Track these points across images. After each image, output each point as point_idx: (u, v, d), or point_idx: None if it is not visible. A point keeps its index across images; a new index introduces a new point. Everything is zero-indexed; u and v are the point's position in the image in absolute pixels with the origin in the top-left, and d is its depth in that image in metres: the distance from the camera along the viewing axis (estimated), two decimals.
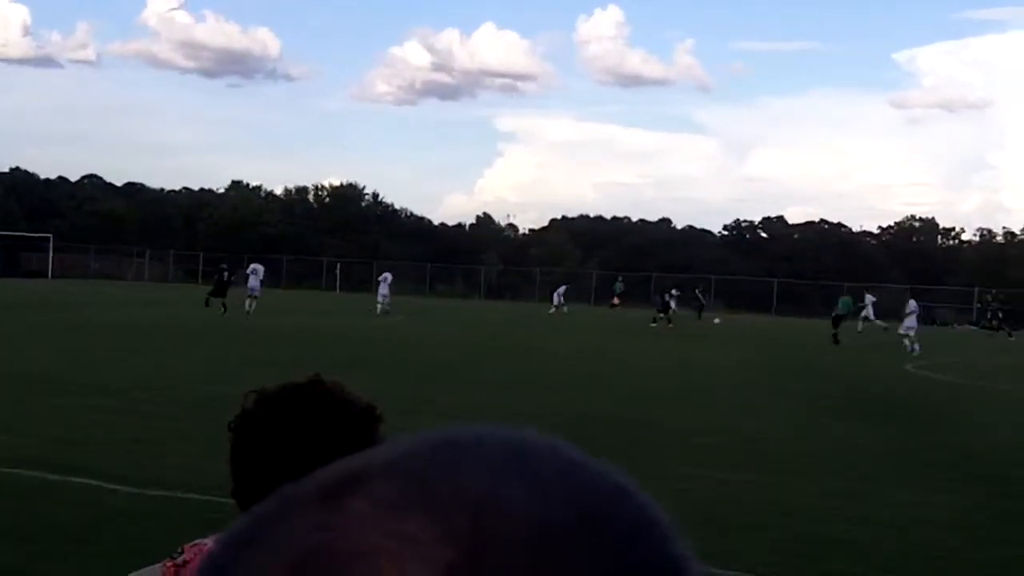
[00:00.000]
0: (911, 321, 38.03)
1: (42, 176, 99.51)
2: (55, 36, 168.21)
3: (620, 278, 65.22)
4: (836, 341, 38.69)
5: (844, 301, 42.33)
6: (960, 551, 9.30)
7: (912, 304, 38.68)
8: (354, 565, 0.49)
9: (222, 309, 38.38)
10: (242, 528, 0.55)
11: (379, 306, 46.49)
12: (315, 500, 0.53)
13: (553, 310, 56.24)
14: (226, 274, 40.79)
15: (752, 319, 52.66)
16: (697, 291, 54.46)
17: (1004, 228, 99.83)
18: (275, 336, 29.54)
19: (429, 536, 0.49)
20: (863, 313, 46.71)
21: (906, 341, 36.48)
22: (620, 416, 16.52)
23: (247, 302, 40.11)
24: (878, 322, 44.34)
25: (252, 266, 43.20)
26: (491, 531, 0.49)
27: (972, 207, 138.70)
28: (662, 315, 47.48)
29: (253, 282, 41.91)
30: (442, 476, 0.52)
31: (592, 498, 0.53)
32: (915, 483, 12.29)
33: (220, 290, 39.99)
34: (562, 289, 59.64)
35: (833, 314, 41.60)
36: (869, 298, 45.53)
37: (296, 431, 2.15)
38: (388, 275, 48.45)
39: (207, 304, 38.84)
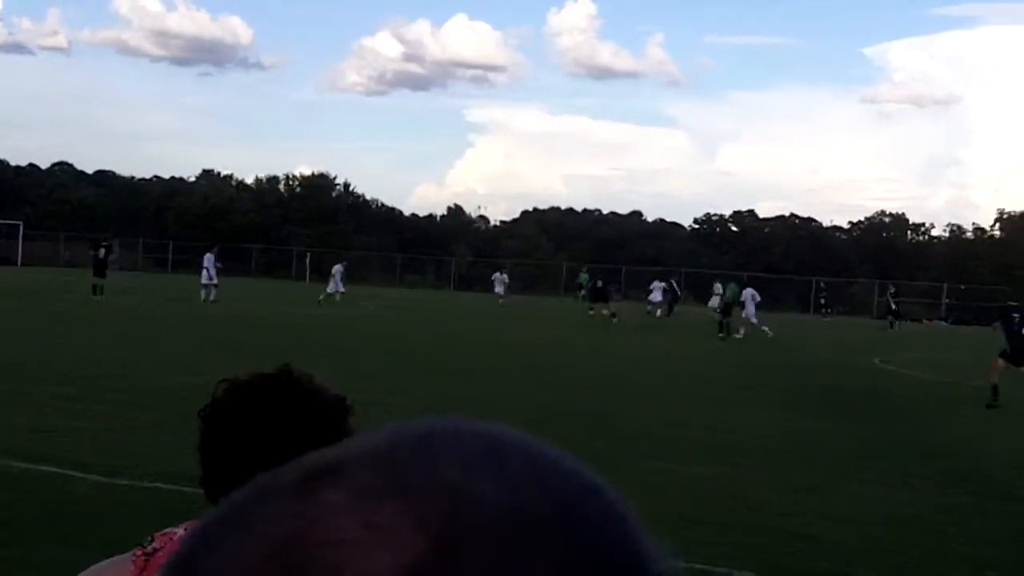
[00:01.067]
0: (751, 308, 40.02)
1: (12, 163, 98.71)
2: (26, 23, 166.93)
3: (585, 269, 64.41)
4: (722, 329, 38.61)
5: (731, 288, 42.05)
6: (924, 546, 9.39)
7: (748, 292, 40.28)
8: (327, 553, 0.49)
9: (99, 291, 36.87)
10: (216, 516, 0.55)
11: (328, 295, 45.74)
12: (291, 489, 0.53)
13: (501, 301, 54.40)
14: (102, 251, 39.35)
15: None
16: (673, 282, 53.74)
17: (974, 224, 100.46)
18: (245, 325, 29.48)
19: (401, 525, 0.49)
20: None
21: (764, 328, 38.18)
22: (586, 408, 16.58)
23: (202, 292, 39.77)
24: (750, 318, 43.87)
25: (206, 255, 42.18)
26: (463, 521, 0.50)
27: (942, 203, 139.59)
28: (600, 305, 46.12)
29: (204, 273, 41.14)
30: (416, 467, 0.52)
31: (563, 492, 0.53)
32: (880, 478, 12.38)
33: (99, 269, 38.56)
34: (499, 276, 58.46)
35: (723, 302, 41.20)
36: (749, 291, 45.44)
37: (266, 421, 2.15)
38: (340, 267, 48.35)
39: (95, 292, 37.03)
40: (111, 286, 38.97)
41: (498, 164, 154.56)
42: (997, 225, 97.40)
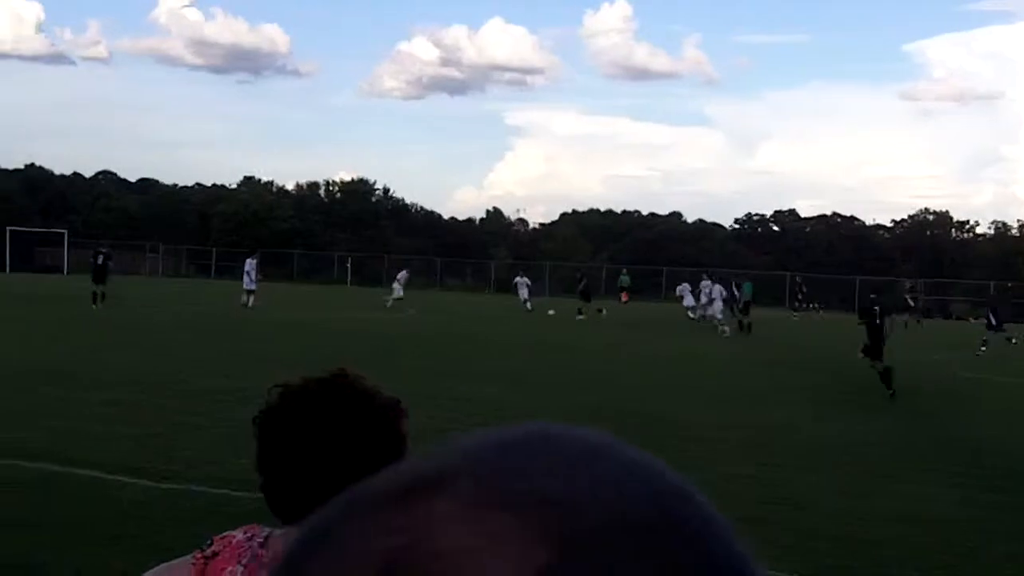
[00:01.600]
0: (718, 305, 39.98)
1: (57, 172, 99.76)
2: (67, 33, 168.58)
3: (624, 271, 63.83)
4: (741, 328, 38.64)
5: (748, 286, 41.87)
6: (970, 547, 9.31)
7: (717, 289, 40.31)
8: (443, 565, 0.49)
9: (99, 299, 36.21)
10: (317, 527, 0.55)
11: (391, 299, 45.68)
12: (395, 500, 0.53)
13: (528, 306, 49.45)
14: (101, 258, 38.70)
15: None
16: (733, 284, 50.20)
17: (1019, 220, 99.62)
18: (287, 330, 29.58)
19: (518, 536, 0.49)
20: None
21: (723, 327, 38.15)
22: (629, 410, 16.53)
23: (243, 296, 39.83)
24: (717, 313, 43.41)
25: (247, 261, 41.97)
26: (578, 531, 0.50)
27: (986, 200, 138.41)
28: (587, 305, 45.64)
29: (246, 278, 41.07)
30: (521, 476, 0.52)
31: (663, 496, 0.54)
32: (924, 478, 12.28)
33: (99, 276, 37.73)
34: (522, 280, 52.96)
35: (742, 301, 41.10)
36: (718, 288, 45.16)
37: (323, 425, 2.16)
38: (405, 273, 48.20)
39: (95, 301, 36.10)
40: (161, 292, 39.17)
41: (537, 167, 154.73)
42: None
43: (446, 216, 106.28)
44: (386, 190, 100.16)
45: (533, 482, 0.52)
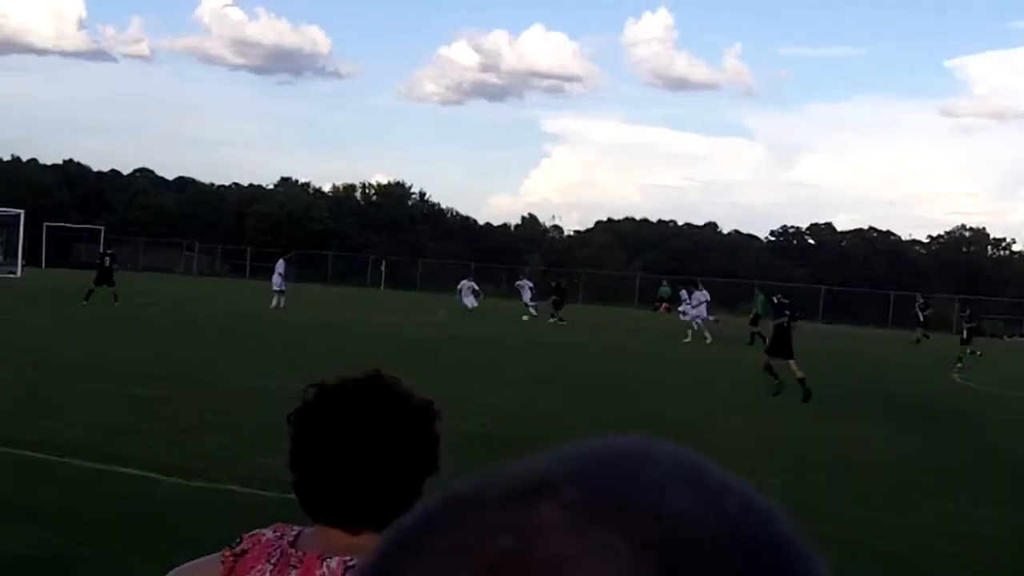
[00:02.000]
0: (700, 310, 40.11)
1: (95, 168, 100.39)
2: (109, 30, 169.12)
3: (664, 282, 63.51)
4: (753, 340, 37.50)
5: (760, 299, 41.54)
6: (1006, 567, 9.23)
7: (701, 295, 40.20)
8: (549, 570, 0.49)
9: (90, 298, 35.21)
10: (417, 525, 0.55)
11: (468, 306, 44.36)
12: (503, 503, 0.53)
13: (530, 313, 47.67)
14: (107, 260, 38.27)
15: (799, 325, 52.34)
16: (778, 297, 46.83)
17: None
18: (319, 332, 29.64)
19: (622, 545, 0.49)
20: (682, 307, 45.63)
21: (695, 326, 38.59)
22: (662, 419, 16.47)
23: (274, 298, 39.62)
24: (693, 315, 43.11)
25: (279, 261, 41.70)
26: (682, 546, 0.50)
27: (1023, 218, 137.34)
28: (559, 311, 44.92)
29: (276, 278, 40.83)
30: (626, 488, 0.53)
31: (758, 517, 0.55)
32: (961, 495, 12.18)
33: (103, 278, 37.04)
34: (524, 282, 51.67)
35: (752, 313, 40.83)
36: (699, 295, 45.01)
37: (358, 425, 2.16)
38: (466, 283, 47.39)
39: (87, 298, 35.19)
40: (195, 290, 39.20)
41: (573, 174, 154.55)
42: None
43: (481, 222, 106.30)
44: (422, 194, 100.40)
45: (639, 495, 0.52)
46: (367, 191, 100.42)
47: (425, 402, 2.25)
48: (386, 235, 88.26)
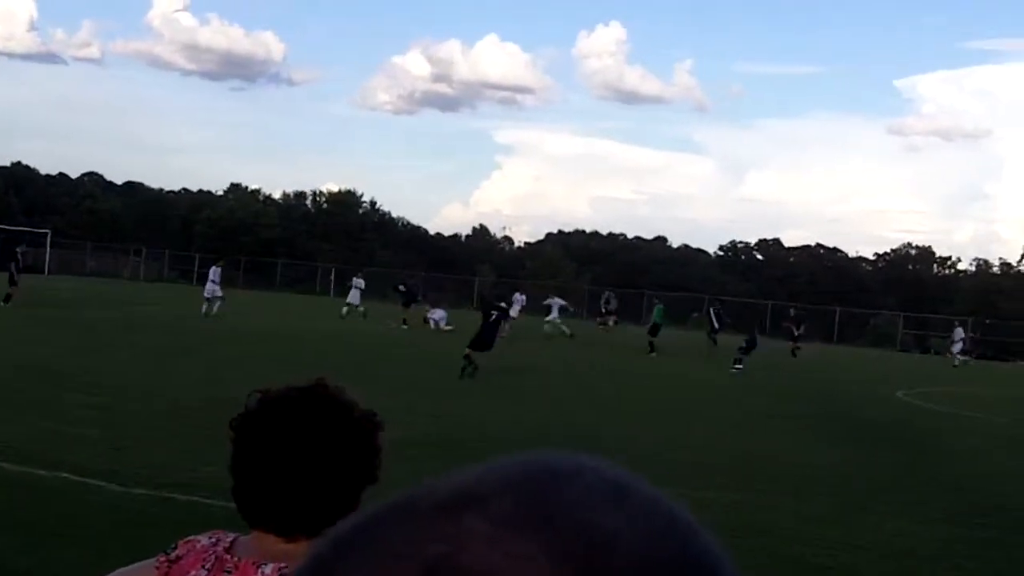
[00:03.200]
0: (555, 313, 42.97)
1: (42, 172, 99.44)
2: (60, 33, 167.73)
3: (610, 294, 63.44)
4: (652, 350, 37.92)
5: (658, 309, 41.97)
6: None
7: (554, 301, 42.75)
8: None
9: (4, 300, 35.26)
10: (351, 531, 0.56)
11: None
12: (434, 513, 0.54)
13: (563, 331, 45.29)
14: (19, 256, 38.05)
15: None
16: (713, 311, 43.82)
17: (1000, 259, 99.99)
18: (265, 339, 29.50)
19: (544, 558, 0.50)
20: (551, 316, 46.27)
21: (558, 329, 39.60)
22: (600, 432, 16.52)
23: (205, 304, 39.00)
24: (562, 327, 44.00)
25: (212, 268, 41.11)
26: (603, 560, 0.51)
27: (968, 237, 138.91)
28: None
29: (209, 285, 40.17)
30: (553, 501, 0.54)
31: (685, 536, 0.56)
32: (901, 511, 12.28)
33: (11, 278, 36.68)
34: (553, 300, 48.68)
35: (651, 323, 41.27)
36: (556, 301, 45.86)
37: (299, 433, 2.16)
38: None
39: (7, 300, 35.08)
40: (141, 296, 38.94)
41: (524, 185, 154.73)
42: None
43: (432, 231, 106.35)
44: (373, 203, 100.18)
45: (564, 509, 0.53)
46: (318, 199, 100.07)
47: (368, 413, 2.26)
48: (336, 243, 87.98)
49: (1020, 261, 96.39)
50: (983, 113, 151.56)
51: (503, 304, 27.00)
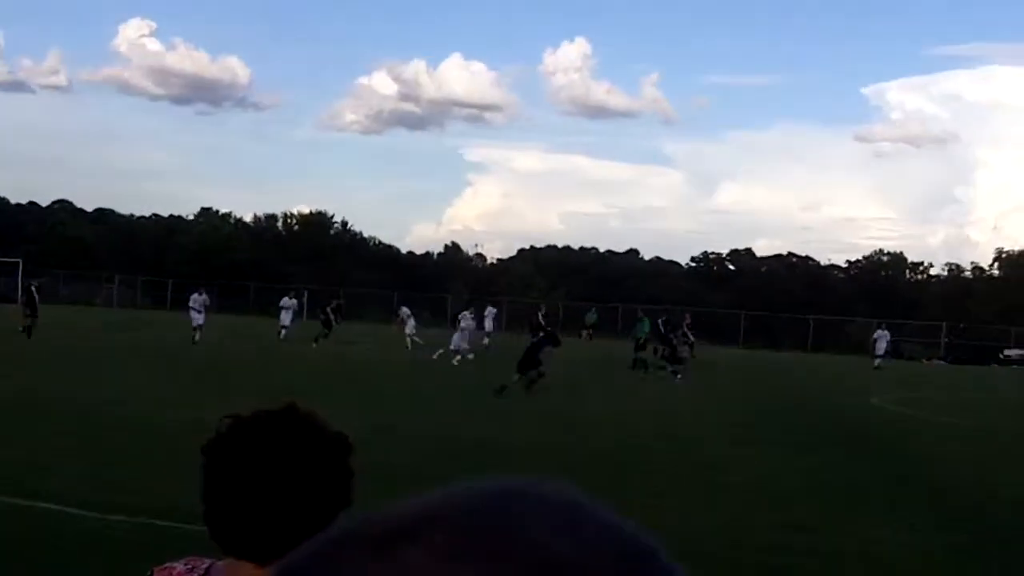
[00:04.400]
0: (464, 326, 39.44)
1: (12, 200, 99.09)
2: (26, 61, 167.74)
3: (592, 309, 63.80)
4: (635, 365, 37.43)
5: (642, 323, 41.30)
6: None
7: (465, 316, 40.24)
8: None
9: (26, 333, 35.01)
10: (291, 567, 0.56)
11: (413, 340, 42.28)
12: (370, 547, 0.53)
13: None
14: (33, 290, 37.49)
15: (719, 351, 52.84)
16: (660, 322, 40.60)
17: (972, 263, 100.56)
18: (240, 363, 29.45)
19: None
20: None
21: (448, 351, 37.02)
22: (582, 448, 16.55)
23: (194, 333, 38.08)
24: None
25: (192, 296, 40.42)
26: None
27: (939, 241, 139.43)
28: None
29: (193, 313, 39.42)
30: (494, 530, 0.53)
31: (634, 558, 0.55)
32: (875, 517, 12.33)
33: (33, 307, 36.54)
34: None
35: (634, 337, 40.34)
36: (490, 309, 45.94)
37: (270, 457, 2.15)
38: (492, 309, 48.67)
39: (29, 334, 34.84)
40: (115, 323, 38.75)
41: (495, 203, 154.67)
42: (996, 264, 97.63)
43: (404, 250, 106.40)
44: (344, 223, 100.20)
45: (508, 537, 0.52)
46: (288, 221, 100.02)
47: (339, 435, 2.25)
48: (308, 265, 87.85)
49: (992, 265, 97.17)
50: (950, 118, 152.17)
51: (547, 328, 27.24)
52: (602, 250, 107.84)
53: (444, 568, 0.51)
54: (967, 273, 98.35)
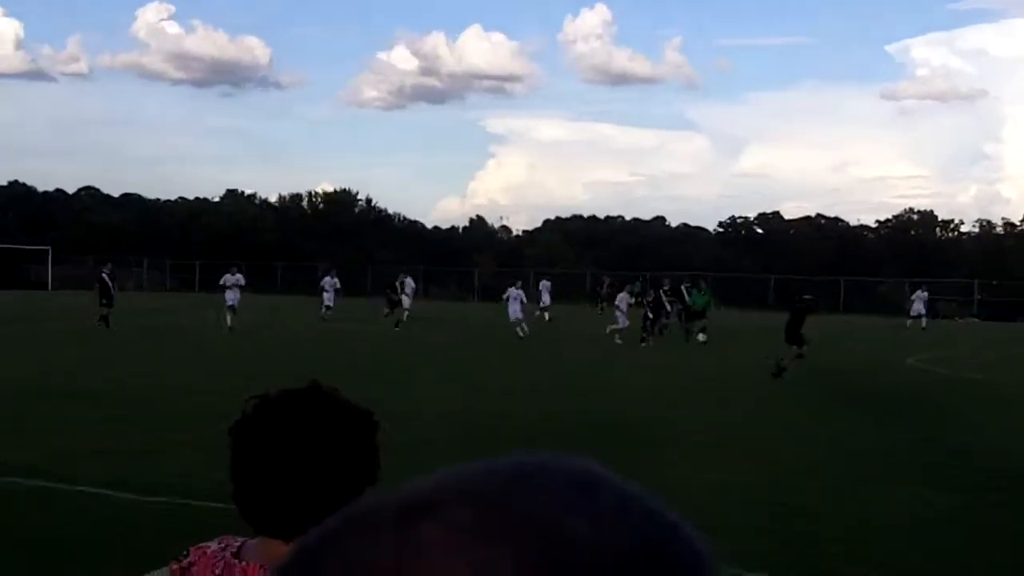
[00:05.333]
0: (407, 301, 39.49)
1: (40, 189, 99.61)
2: (47, 49, 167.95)
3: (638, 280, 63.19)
4: (691, 334, 36.29)
5: (700, 292, 38.71)
6: (961, 549, 9.30)
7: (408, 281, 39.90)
8: None
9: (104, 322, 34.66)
10: (313, 542, 0.57)
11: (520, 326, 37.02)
12: (389, 522, 0.54)
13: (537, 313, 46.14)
14: (106, 277, 37.53)
15: (750, 316, 52.61)
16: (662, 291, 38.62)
17: (1003, 219, 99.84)
18: (270, 344, 29.52)
19: (500, 563, 0.50)
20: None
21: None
22: (613, 418, 16.52)
23: (228, 317, 35.90)
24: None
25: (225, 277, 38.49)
26: (561, 561, 0.51)
27: (970, 199, 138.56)
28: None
29: (229, 295, 37.12)
30: (512, 505, 0.53)
31: (652, 531, 0.55)
32: (915, 481, 12.26)
33: (107, 295, 36.48)
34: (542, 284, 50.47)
35: (689, 305, 37.91)
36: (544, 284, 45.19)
37: (295, 436, 2.17)
38: (546, 283, 48.81)
39: (107, 323, 34.44)
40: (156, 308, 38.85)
41: (519, 174, 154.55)
42: None
43: (429, 226, 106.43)
44: (369, 200, 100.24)
45: (525, 512, 0.53)
46: (313, 200, 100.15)
47: (365, 412, 2.26)
48: (334, 243, 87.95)
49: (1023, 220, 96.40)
50: (977, 73, 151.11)
51: (807, 296, 26.62)
52: (628, 218, 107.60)
53: (460, 543, 0.52)
54: (999, 229, 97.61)
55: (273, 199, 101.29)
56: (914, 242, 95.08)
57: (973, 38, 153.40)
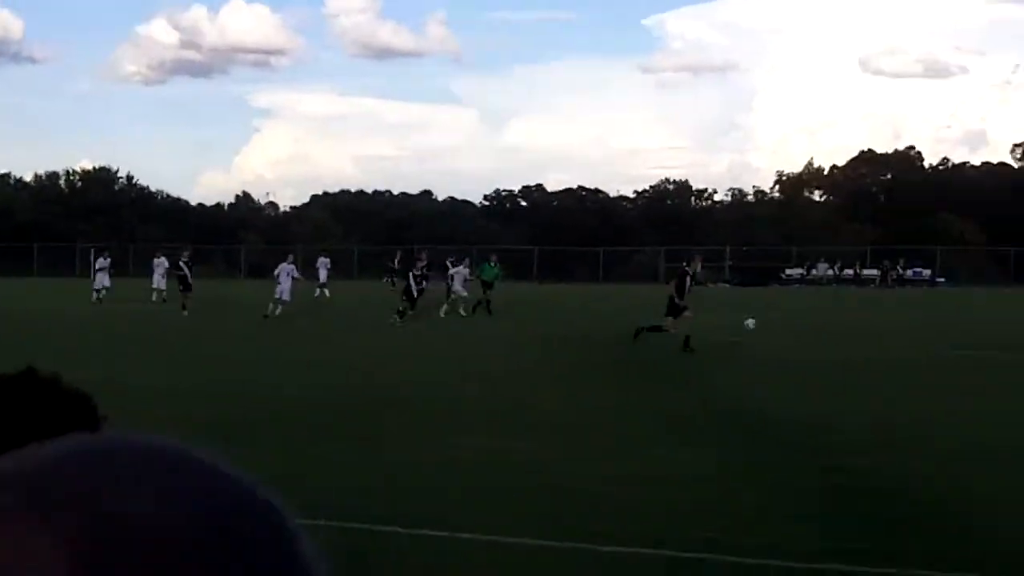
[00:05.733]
0: (286, 285, 36.11)
1: None
2: None
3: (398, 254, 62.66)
4: (483, 307, 37.30)
5: (489, 265, 40.04)
6: (713, 501, 9.80)
7: (284, 267, 36.43)
8: None
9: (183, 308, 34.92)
10: None
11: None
12: None
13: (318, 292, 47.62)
14: (183, 264, 38.25)
15: (514, 287, 53.42)
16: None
17: (755, 187, 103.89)
18: (25, 326, 28.79)
19: (37, 543, 0.48)
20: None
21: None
22: (399, 391, 16.77)
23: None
24: None
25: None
26: (105, 540, 0.49)
27: (723, 168, 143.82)
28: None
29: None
30: (60, 483, 0.51)
31: (222, 510, 0.53)
32: (670, 440, 12.74)
33: (186, 284, 36.94)
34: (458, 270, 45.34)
35: (479, 278, 39.64)
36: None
37: (6, 424, 2.18)
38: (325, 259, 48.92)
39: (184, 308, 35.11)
40: None
41: (286, 149, 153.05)
42: (776, 187, 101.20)
43: (193, 202, 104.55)
44: (130, 178, 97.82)
45: (73, 489, 0.51)
46: (71, 178, 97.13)
47: (81, 398, 2.28)
48: (93, 222, 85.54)
49: (773, 188, 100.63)
50: (729, 45, 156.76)
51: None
52: (396, 193, 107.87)
53: (10, 527, 0.49)
54: (750, 198, 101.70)
55: (29, 178, 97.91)
56: (669, 211, 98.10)
57: (726, 11, 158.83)
